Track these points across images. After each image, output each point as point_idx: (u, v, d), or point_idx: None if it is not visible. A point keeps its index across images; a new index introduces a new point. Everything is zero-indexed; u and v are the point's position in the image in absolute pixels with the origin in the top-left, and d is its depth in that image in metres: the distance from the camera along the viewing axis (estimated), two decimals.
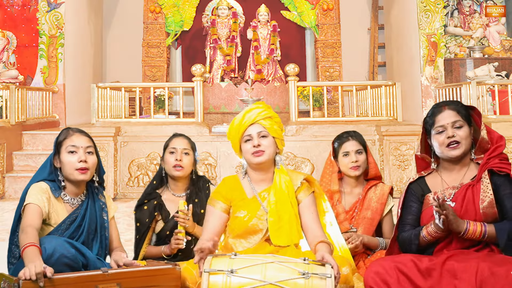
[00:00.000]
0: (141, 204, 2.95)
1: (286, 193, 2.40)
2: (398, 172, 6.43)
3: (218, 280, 2.01)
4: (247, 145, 2.44)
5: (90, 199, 2.55)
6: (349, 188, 3.02)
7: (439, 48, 7.99)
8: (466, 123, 2.38)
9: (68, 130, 2.55)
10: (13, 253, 2.47)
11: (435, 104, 2.50)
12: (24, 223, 2.31)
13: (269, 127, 2.44)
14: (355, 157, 2.93)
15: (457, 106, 2.41)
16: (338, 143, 3.00)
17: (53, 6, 8.17)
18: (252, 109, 2.47)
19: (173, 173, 2.92)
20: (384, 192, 2.96)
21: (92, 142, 2.55)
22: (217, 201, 2.48)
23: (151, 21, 9.68)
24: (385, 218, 2.97)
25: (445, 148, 2.37)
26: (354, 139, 2.98)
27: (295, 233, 2.37)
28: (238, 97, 8.56)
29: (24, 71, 8.33)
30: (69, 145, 2.48)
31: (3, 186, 6.49)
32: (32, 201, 2.38)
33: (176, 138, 3.00)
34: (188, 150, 2.95)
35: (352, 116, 7.66)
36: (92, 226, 2.51)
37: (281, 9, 9.79)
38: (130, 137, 6.63)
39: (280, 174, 2.45)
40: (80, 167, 2.45)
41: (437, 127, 2.39)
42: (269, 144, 2.43)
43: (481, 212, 2.28)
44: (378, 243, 2.89)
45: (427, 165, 2.53)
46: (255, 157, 2.42)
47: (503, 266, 2.07)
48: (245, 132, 2.44)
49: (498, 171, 2.31)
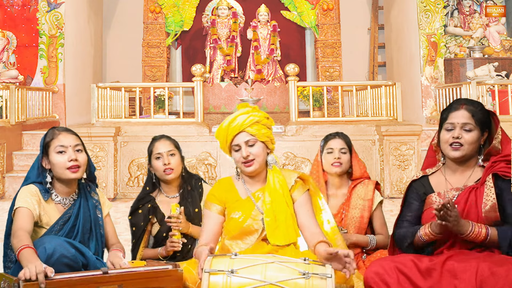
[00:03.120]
0: (135, 209, 2.93)
1: (280, 192, 2.40)
2: (398, 172, 6.42)
3: (218, 280, 2.01)
4: (237, 155, 2.42)
5: (82, 198, 2.53)
6: (334, 190, 3.03)
7: (439, 48, 8.00)
8: (477, 128, 2.33)
9: (54, 130, 2.50)
10: (9, 257, 2.45)
11: (456, 99, 2.46)
12: (15, 227, 2.29)
13: (257, 133, 2.40)
14: (338, 154, 2.97)
15: (475, 108, 2.35)
16: (324, 140, 3.06)
17: (53, 6, 8.17)
18: (237, 116, 2.41)
19: (165, 178, 2.90)
20: (369, 188, 2.97)
21: (80, 140, 2.52)
22: (212, 204, 2.48)
23: (151, 21, 9.68)
24: (374, 213, 2.97)
25: (448, 146, 2.35)
26: (340, 138, 3.03)
27: (292, 232, 2.37)
28: (238, 97, 8.56)
29: (24, 71, 8.32)
30: (57, 146, 2.44)
31: (3, 186, 6.50)
32: (22, 205, 2.35)
33: (157, 142, 2.96)
34: (173, 151, 2.92)
35: (352, 116, 7.66)
36: (86, 225, 2.48)
37: (281, 9, 9.79)
38: (130, 137, 6.63)
39: (274, 174, 2.44)
40: (71, 166, 2.42)
41: (447, 123, 2.36)
42: (258, 152, 2.40)
43: (483, 215, 2.25)
44: (368, 240, 2.89)
45: (434, 162, 2.51)
46: (245, 167, 2.41)
47: (503, 266, 2.07)
48: (233, 141, 2.41)
49: (503, 175, 2.27)
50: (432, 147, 2.51)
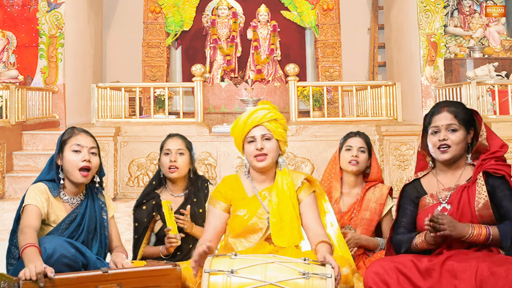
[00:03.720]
0: (140, 204, 2.95)
1: (288, 194, 2.41)
2: (398, 172, 6.43)
3: (218, 281, 2.01)
4: (250, 147, 2.43)
5: (89, 198, 2.55)
6: (348, 189, 3.03)
7: (439, 48, 7.99)
8: (462, 127, 2.35)
9: (73, 129, 2.55)
10: (13, 254, 2.47)
11: (437, 103, 2.49)
12: (22, 224, 2.32)
13: (273, 130, 2.43)
14: (357, 153, 2.95)
15: (457, 109, 2.38)
16: (344, 138, 3.05)
17: (53, 6, 8.17)
18: (258, 109, 2.45)
19: (169, 175, 2.92)
20: (383, 193, 2.96)
21: (96, 143, 2.56)
22: (218, 201, 2.49)
23: (151, 21, 9.68)
24: (384, 218, 2.97)
25: (436, 149, 2.37)
26: (360, 137, 3.02)
27: (296, 235, 2.37)
28: (238, 97, 8.56)
29: (24, 71, 8.33)
30: (74, 144, 2.48)
31: (3, 186, 6.50)
32: (31, 202, 2.38)
33: (170, 139, 2.99)
34: (183, 150, 2.93)
35: (352, 116, 7.66)
36: (91, 225, 2.51)
37: (281, 9, 9.79)
38: (130, 137, 6.63)
39: (283, 175, 2.45)
40: (83, 166, 2.45)
41: (432, 127, 2.39)
42: (272, 148, 2.43)
43: (477, 214, 2.27)
44: (378, 244, 2.89)
45: (426, 165, 2.53)
46: (257, 161, 2.42)
47: (503, 266, 2.07)
48: (249, 133, 2.44)
49: (494, 173, 2.29)
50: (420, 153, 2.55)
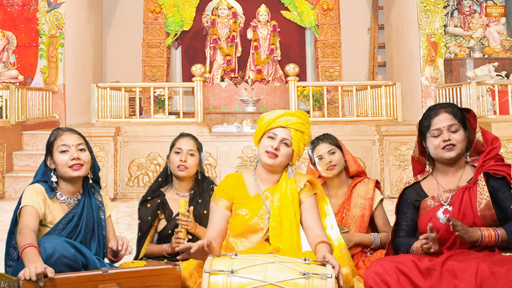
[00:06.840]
0: (145, 201, 2.96)
1: (290, 199, 2.41)
2: (398, 172, 6.43)
3: (218, 281, 2.01)
4: (267, 141, 2.45)
5: (86, 198, 2.56)
6: (334, 190, 3.04)
7: (439, 48, 7.99)
8: (461, 127, 2.37)
9: (58, 130, 2.55)
10: (11, 255, 2.47)
11: (431, 106, 2.49)
12: (21, 225, 2.32)
13: (295, 140, 2.45)
14: (329, 157, 2.97)
15: (454, 109, 2.40)
16: (311, 149, 3.06)
17: (53, 6, 8.17)
18: (295, 115, 2.48)
19: (177, 173, 2.94)
20: (369, 187, 2.98)
21: (83, 139, 2.56)
22: (220, 198, 2.50)
23: (151, 21, 9.67)
24: (376, 212, 2.98)
25: (441, 150, 2.37)
26: (324, 142, 3.03)
27: (294, 241, 2.37)
28: (238, 97, 8.56)
29: (24, 71, 8.32)
30: (60, 145, 2.49)
31: (3, 186, 6.50)
32: (28, 203, 2.38)
33: (182, 138, 3.02)
34: (193, 151, 2.96)
35: (352, 116, 7.66)
36: (89, 225, 2.51)
37: (281, 9, 9.79)
38: (130, 137, 6.63)
39: (288, 181, 2.46)
40: (73, 164, 2.46)
41: (433, 130, 2.39)
42: (285, 154, 2.44)
43: (479, 214, 2.27)
44: (372, 239, 2.89)
45: (424, 168, 2.53)
46: (267, 157, 2.43)
47: (503, 266, 2.07)
48: (273, 130, 2.45)
49: (494, 174, 2.30)
50: (414, 158, 2.54)
